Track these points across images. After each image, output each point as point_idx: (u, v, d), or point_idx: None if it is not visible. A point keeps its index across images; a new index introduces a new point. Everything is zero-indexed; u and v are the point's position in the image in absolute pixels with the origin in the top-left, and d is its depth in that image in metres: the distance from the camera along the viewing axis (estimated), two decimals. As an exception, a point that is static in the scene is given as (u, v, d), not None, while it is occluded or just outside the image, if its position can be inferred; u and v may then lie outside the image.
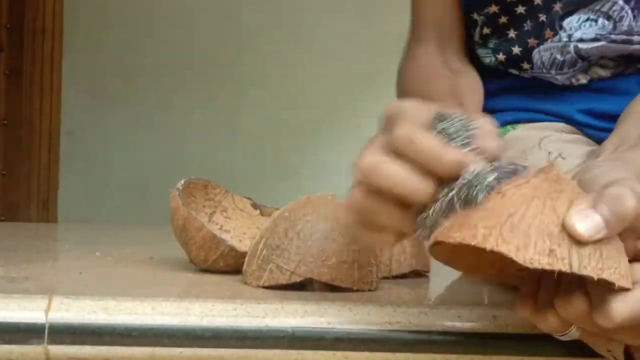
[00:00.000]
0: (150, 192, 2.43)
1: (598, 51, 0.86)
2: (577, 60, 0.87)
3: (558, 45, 0.88)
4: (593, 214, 0.52)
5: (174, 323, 0.67)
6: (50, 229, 1.87)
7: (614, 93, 0.88)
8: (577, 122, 0.89)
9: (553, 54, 0.88)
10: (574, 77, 0.89)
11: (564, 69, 0.88)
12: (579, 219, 0.52)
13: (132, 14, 2.97)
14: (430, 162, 0.55)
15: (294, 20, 2.93)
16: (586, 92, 0.90)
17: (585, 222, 0.51)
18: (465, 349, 0.68)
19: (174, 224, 0.87)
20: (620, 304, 0.52)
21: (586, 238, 0.51)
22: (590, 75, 0.89)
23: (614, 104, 0.81)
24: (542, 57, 0.88)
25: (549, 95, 0.91)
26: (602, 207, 0.52)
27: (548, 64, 0.88)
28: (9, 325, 0.66)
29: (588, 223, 0.51)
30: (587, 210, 0.52)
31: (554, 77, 0.89)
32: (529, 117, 0.91)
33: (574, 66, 0.88)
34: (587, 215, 0.52)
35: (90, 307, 0.67)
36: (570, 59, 0.87)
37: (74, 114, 2.97)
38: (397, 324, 0.68)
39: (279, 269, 0.76)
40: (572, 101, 0.90)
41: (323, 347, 0.67)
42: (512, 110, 0.92)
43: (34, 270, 0.87)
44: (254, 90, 2.92)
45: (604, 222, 0.51)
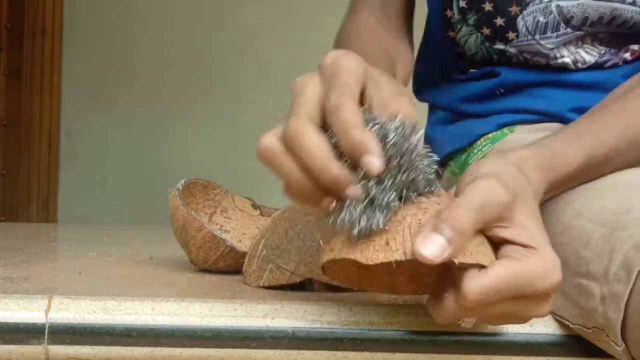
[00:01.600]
0: (150, 192, 2.43)
1: (579, 10, 0.87)
2: (560, 24, 0.87)
3: (540, 7, 0.88)
4: (435, 236, 0.55)
5: (174, 323, 0.67)
6: (50, 229, 1.87)
7: (602, 89, 0.88)
8: (569, 120, 0.89)
9: (536, 17, 0.88)
10: (558, 49, 0.89)
11: (547, 32, 0.89)
12: (423, 245, 0.55)
13: (132, 14, 2.97)
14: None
15: (293, 20, 2.94)
16: (575, 90, 0.90)
17: (430, 247, 0.55)
18: (465, 349, 0.68)
19: (173, 224, 0.87)
20: (470, 281, 0.56)
21: (433, 260, 0.55)
22: (574, 56, 0.89)
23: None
24: (527, 22, 0.89)
25: (541, 94, 0.91)
26: (442, 228, 0.56)
27: (532, 29, 0.89)
28: (9, 325, 0.66)
29: (432, 246, 0.55)
30: (429, 234, 0.56)
31: (538, 42, 0.89)
32: (523, 119, 0.91)
33: (557, 30, 0.88)
34: (430, 239, 0.55)
35: (90, 307, 0.67)
36: (553, 20, 0.88)
37: (74, 114, 2.97)
38: (397, 324, 0.68)
39: (278, 269, 0.76)
40: (563, 100, 0.90)
41: (323, 347, 0.67)
42: (506, 112, 0.92)
43: (34, 270, 0.87)
44: (253, 90, 2.92)
45: (446, 241, 0.55)
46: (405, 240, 0.56)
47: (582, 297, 0.65)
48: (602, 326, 0.63)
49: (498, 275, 0.57)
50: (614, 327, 0.62)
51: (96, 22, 2.97)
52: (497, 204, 0.58)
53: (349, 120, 0.56)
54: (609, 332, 0.63)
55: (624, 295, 0.60)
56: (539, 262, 0.57)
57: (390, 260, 0.56)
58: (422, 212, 0.58)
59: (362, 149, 0.56)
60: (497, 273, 0.57)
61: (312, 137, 0.57)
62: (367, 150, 0.56)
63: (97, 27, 2.97)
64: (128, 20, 2.97)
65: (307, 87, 0.60)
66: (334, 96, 0.58)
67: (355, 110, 0.57)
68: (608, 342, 0.63)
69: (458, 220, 0.56)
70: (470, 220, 0.57)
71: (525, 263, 0.57)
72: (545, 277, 0.58)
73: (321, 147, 0.57)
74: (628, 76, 0.87)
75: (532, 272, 0.57)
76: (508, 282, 0.57)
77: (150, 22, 2.97)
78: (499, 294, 0.57)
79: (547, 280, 0.58)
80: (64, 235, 1.53)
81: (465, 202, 0.57)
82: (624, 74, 0.89)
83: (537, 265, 0.57)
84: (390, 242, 0.56)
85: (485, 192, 0.58)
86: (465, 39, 0.94)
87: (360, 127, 0.56)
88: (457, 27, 0.94)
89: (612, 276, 0.62)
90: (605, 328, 0.63)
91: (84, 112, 2.97)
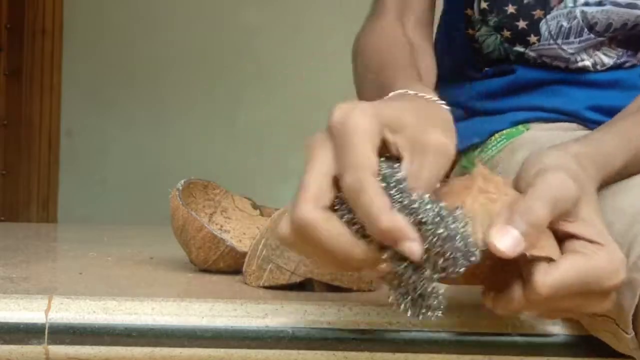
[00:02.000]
0: (150, 192, 2.43)
1: (604, 16, 0.87)
2: (584, 29, 0.88)
3: (564, 11, 0.88)
4: (510, 229, 0.55)
5: (174, 323, 0.67)
6: (50, 229, 1.87)
7: (620, 88, 0.88)
8: (586, 119, 0.89)
9: (560, 22, 0.88)
10: (579, 54, 0.89)
11: (570, 37, 0.89)
12: (499, 238, 0.55)
13: (132, 14, 2.97)
14: (366, 221, 0.53)
15: (293, 20, 2.93)
16: (592, 89, 0.90)
17: (504, 239, 0.55)
18: (465, 349, 0.68)
19: (173, 225, 0.87)
20: (542, 274, 0.56)
21: (509, 254, 0.55)
22: (594, 59, 0.89)
23: (621, 99, 0.82)
24: (550, 26, 0.89)
25: (558, 92, 0.91)
26: (517, 221, 0.55)
27: (555, 33, 0.89)
28: (9, 325, 0.66)
29: (507, 240, 0.55)
30: (504, 228, 0.55)
31: (560, 47, 0.89)
32: (539, 116, 0.91)
33: (580, 35, 0.88)
34: (505, 232, 0.55)
35: (90, 307, 0.67)
36: (577, 25, 0.88)
37: (74, 114, 2.97)
38: (397, 324, 0.68)
39: (278, 269, 0.76)
40: (580, 98, 0.90)
41: (323, 347, 0.67)
42: (522, 109, 0.92)
43: (34, 270, 0.87)
44: (253, 91, 2.92)
45: (521, 234, 0.55)
46: (475, 230, 0.55)
47: None
48: (612, 314, 0.63)
49: (568, 270, 0.56)
50: (626, 315, 0.62)
51: (96, 22, 2.97)
52: (569, 198, 0.58)
53: (374, 206, 0.52)
54: (620, 320, 0.63)
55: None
56: (606, 258, 0.57)
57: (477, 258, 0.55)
58: (491, 202, 0.57)
59: (397, 237, 0.52)
60: (567, 267, 0.56)
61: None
62: (403, 237, 0.52)
63: (97, 27, 2.97)
64: (128, 20, 2.97)
65: (314, 162, 0.55)
66: (350, 178, 0.53)
67: (378, 191, 0.53)
68: (615, 332, 0.64)
69: (534, 214, 0.55)
70: (546, 214, 0.56)
71: (594, 259, 0.57)
72: (612, 274, 0.57)
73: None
74: None
75: (600, 269, 0.57)
76: (578, 277, 0.56)
77: (150, 22, 2.96)
78: (568, 288, 0.56)
79: (614, 278, 0.57)
80: (64, 235, 1.53)
81: (540, 195, 0.57)
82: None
83: (605, 261, 0.57)
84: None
85: (558, 185, 0.58)
86: (484, 38, 0.94)
87: (388, 212, 0.52)
88: (476, 26, 0.94)
89: (630, 265, 0.62)
90: (616, 317, 0.63)
91: (84, 112, 2.97)
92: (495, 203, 0.57)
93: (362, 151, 0.54)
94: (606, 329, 0.65)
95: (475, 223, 0.56)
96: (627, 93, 0.83)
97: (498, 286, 0.59)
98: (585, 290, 0.57)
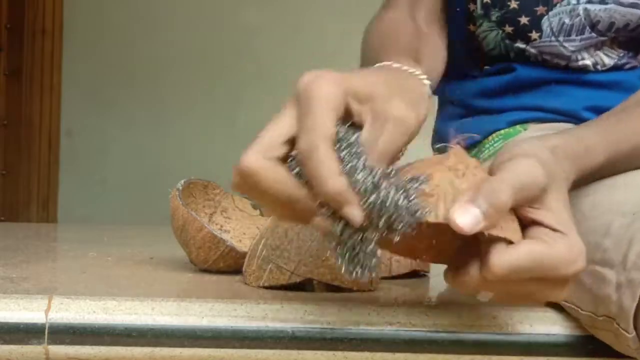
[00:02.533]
0: (150, 192, 2.43)
1: (606, 14, 0.87)
2: (585, 27, 0.88)
3: (567, 8, 0.88)
4: (471, 207, 0.56)
5: (174, 323, 0.67)
6: (50, 229, 1.87)
7: (618, 89, 0.88)
8: (583, 119, 0.89)
9: (562, 19, 0.88)
10: (580, 52, 0.89)
11: (572, 35, 0.89)
12: (459, 214, 0.55)
13: (132, 14, 2.97)
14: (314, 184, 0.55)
15: (293, 20, 2.93)
16: (591, 89, 0.90)
17: (465, 216, 0.55)
18: (465, 348, 0.68)
19: (173, 225, 0.87)
20: (498, 255, 0.56)
21: (467, 230, 0.55)
22: (594, 58, 0.89)
23: (619, 101, 0.82)
24: (552, 23, 0.89)
25: (556, 92, 0.91)
26: (479, 201, 0.56)
27: (556, 30, 0.89)
28: (9, 325, 0.66)
29: (467, 217, 0.55)
30: (466, 205, 0.56)
31: (561, 44, 0.89)
32: (537, 117, 0.91)
33: (582, 33, 0.88)
34: (466, 210, 0.56)
35: (90, 307, 0.67)
36: (579, 23, 0.88)
37: (74, 114, 2.97)
38: (397, 324, 0.68)
39: (278, 269, 0.76)
40: (578, 99, 0.90)
41: (323, 347, 0.67)
42: (520, 109, 0.92)
43: (34, 270, 0.87)
44: (253, 91, 2.92)
45: (482, 214, 0.55)
46: (438, 204, 0.56)
47: (596, 283, 0.65)
48: (613, 314, 0.63)
49: (526, 254, 0.57)
50: (627, 314, 0.62)
51: (96, 22, 2.97)
52: (536, 185, 0.58)
53: (322, 169, 0.55)
54: (621, 320, 0.63)
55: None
56: (566, 247, 0.58)
57: (424, 221, 0.56)
58: (458, 178, 0.58)
59: (340, 201, 0.55)
60: (525, 251, 0.57)
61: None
62: (345, 202, 0.55)
63: (97, 27, 2.97)
64: (128, 20, 2.97)
65: (278, 119, 0.59)
66: (303, 141, 0.56)
67: (328, 155, 0.55)
68: (616, 331, 0.64)
69: (497, 197, 0.56)
70: (509, 197, 0.57)
71: (553, 246, 0.57)
72: (570, 263, 0.58)
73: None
74: None
75: (559, 256, 0.57)
76: (535, 262, 0.57)
77: (150, 22, 2.96)
78: (523, 272, 0.57)
79: (572, 267, 0.58)
80: (64, 235, 1.53)
81: (507, 178, 0.58)
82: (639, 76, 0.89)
83: (564, 250, 0.58)
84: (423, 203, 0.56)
85: (526, 172, 0.58)
86: (485, 35, 0.94)
87: (335, 176, 0.55)
88: (478, 21, 0.94)
89: (630, 264, 0.62)
90: (616, 316, 0.63)
91: (84, 112, 2.97)
92: (461, 181, 0.58)
93: (319, 116, 0.56)
94: (607, 328, 0.65)
95: (439, 197, 0.57)
96: (625, 94, 0.83)
97: (461, 266, 0.60)
98: (541, 277, 0.58)
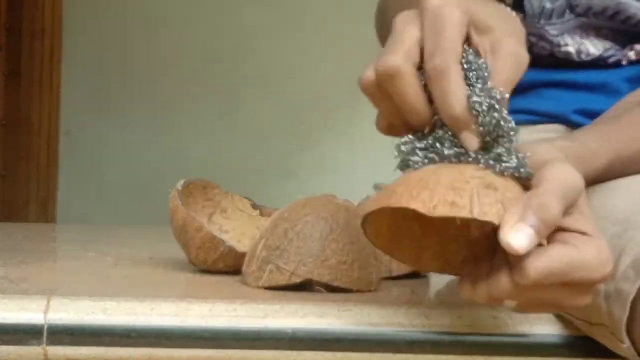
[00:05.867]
0: (149, 193, 2.43)
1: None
2: (565, 10, 0.88)
3: None
4: (524, 226, 0.54)
5: (173, 324, 0.67)
6: (49, 229, 1.87)
7: (605, 92, 0.89)
8: (572, 122, 0.90)
9: (542, 2, 0.88)
10: (562, 37, 0.89)
11: (553, 18, 0.89)
12: (514, 236, 0.54)
13: (131, 14, 2.97)
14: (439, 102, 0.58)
15: (294, 20, 2.93)
16: (580, 92, 0.90)
17: (520, 238, 0.54)
18: (465, 349, 0.68)
19: (173, 225, 0.87)
20: (533, 258, 0.55)
21: (522, 252, 0.54)
22: (579, 46, 0.90)
23: (606, 104, 0.82)
24: (533, 5, 0.89)
25: (545, 95, 0.91)
26: (531, 218, 0.54)
27: (538, 12, 0.89)
28: (8, 326, 0.66)
29: (523, 239, 0.54)
30: (519, 226, 0.54)
31: (543, 27, 0.89)
32: (526, 119, 0.91)
33: (562, 16, 0.88)
34: (519, 230, 0.54)
35: (89, 308, 0.67)
36: (559, 7, 0.88)
37: (73, 114, 2.97)
38: (397, 324, 0.68)
39: (278, 269, 0.76)
40: (567, 102, 0.90)
41: (323, 348, 0.67)
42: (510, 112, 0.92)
43: (33, 270, 0.87)
44: (253, 91, 2.92)
45: (535, 232, 0.54)
46: (473, 200, 0.55)
47: None
48: (606, 323, 0.63)
49: (558, 257, 0.55)
50: (618, 325, 0.61)
51: (96, 22, 2.97)
52: (577, 190, 0.57)
53: (451, 93, 0.58)
54: (614, 330, 0.62)
55: (630, 294, 0.60)
56: (596, 251, 0.57)
57: (455, 216, 0.55)
58: (488, 176, 0.57)
59: (461, 127, 0.58)
60: (559, 254, 0.56)
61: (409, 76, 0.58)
62: (465, 128, 0.58)
63: (97, 27, 2.97)
64: (128, 20, 2.97)
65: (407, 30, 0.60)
66: (438, 59, 0.58)
67: (459, 82, 0.58)
68: (611, 338, 0.63)
69: (548, 212, 0.55)
70: (560, 210, 0.55)
71: (584, 250, 0.56)
72: (600, 266, 0.56)
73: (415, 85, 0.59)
74: (631, 79, 0.88)
75: (589, 260, 0.56)
76: (567, 266, 0.56)
77: (150, 22, 2.97)
78: (557, 276, 0.56)
79: (602, 270, 0.57)
80: (63, 235, 1.53)
81: (552, 190, 0.56)
82: (628, 77, 0.89)
83: (595, 253, 0.56)
84: (456, 200, 0.55)
85: (568, 179, 0.57)
86: None
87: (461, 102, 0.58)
88: None
89: (619, 274, 0.62)
90: (609, 326, 0.63)
91: (83, 112, 2.97)
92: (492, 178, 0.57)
93: (452, 37, 0.58)
94: (602, 334, 0.65)
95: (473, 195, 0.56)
96: (611, 96, 0.83)
97: (472, 276, 0.59)
98: (571, 281, 0.57)
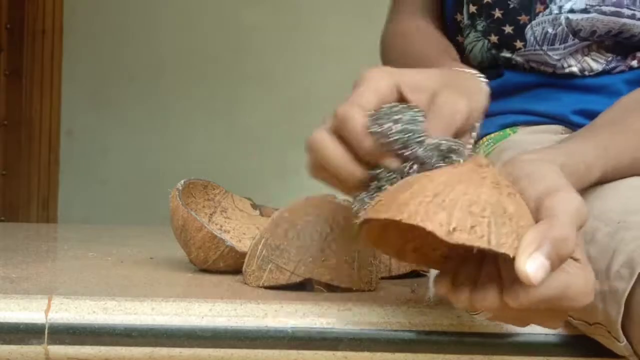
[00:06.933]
0: (150, 193, 2.43)
1: (588, 23, 0.87)
2: (569, 35, 0.88)
3: (549, 18, 0.88)
4: (541, 257, 0.53)
5: (173, 323, 0.67)
6: (50, 229, 1.87)
7: (604, 93, 0.89)
8: (572, 123, 0.90)
9: (545, 28, 0.89)
10: (565, 59, 0.90)
11: (555, 44, 0.89)
12: (530, 266, 0.53)
13: (132, 14, 2.97)
14: (353, 145, 0.63)
15: (294, 20, 2.93)
16: (579, 93, 0.90)
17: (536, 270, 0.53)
18: (465, 349, 0.68)
19: (173, 225, 0.87)
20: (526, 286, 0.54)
21: (536, 283, 0.53)
22: (581, 64, 0.90)
23: (606, 105, 0.82)
24: (535, 32, 0.89)
25: (545, 96, 0.91)
26: (549, 251, 0.54)
27: (540, 39, 0.89)
28: (9, 325, 0.66)
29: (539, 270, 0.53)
30: (536, 256, 0.53)
31: (546, 53, 0.89)
32: (526, 120, 0.91)
33: (565, 41, 0.89)
34: (535, 260, 0.53)
35: (90, 308, 0.67)
36: (562, 32, 0.88)
37: (74, 114, 2.97)
38: (397, 324, 0.68)
39: (278, 269, 0.76)
40: (567, 102, 0.90)
41: (323, 347, 0.67)
42: (509, 113, 0.92)
43: (34, 270, 0.87)
44: (253, 91, 2.92)
45: (550, 264, 0.54)
46: (490, 229, 0.54)
47: None
48: (603, 322, 0.63)
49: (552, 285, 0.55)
50: (614, 324, 0.62)
51: (96, 22, 2.97)
52: (585, 221, 0.57)
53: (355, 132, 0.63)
54: (610, 328, 0.63)
55: (624, 292, 0.61)
56: (584, 279, 0.56)
57: (473, 245, 0.54)
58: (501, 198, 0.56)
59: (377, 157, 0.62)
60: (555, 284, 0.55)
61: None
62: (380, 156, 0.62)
63: (97, 27, 2.97)
64: (128, 21, 2.97)
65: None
66: (340, 110, 0.63)
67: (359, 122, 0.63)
68: (609, 336, 0.64)
69: (566, 246, 0.54)
70: (575, 244, 0.55)
71: (574, 277, 0.56)
72: (584, 297, 0.56)
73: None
74: (631, 81, 0.88)
75: (577, 291, 0.56)
76: (558, 295, 0.55)
77: (150, 22, 2.97)
78: (546, 303, 0.55)
79: (584, 301, 0.56)
80: (64, 235, 1.53)
81: (568, 223, 0.55)
82: (628, 79, 0.89)
83: (583, 282, 0.56)
84: (475, 227, 0.54)
85: (580, 211, 0.56)
86: (472, 46, 0.94)
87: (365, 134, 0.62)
88: (465, 32, 0.94)
89: (613, 274, 0.62)
90: (606, 325, 0.63)
91: (84, 112, 2.97)
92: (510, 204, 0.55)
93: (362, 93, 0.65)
94: (600, 333, 0.65)
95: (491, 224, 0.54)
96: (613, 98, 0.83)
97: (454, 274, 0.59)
98: (557, 306, 0.56)
